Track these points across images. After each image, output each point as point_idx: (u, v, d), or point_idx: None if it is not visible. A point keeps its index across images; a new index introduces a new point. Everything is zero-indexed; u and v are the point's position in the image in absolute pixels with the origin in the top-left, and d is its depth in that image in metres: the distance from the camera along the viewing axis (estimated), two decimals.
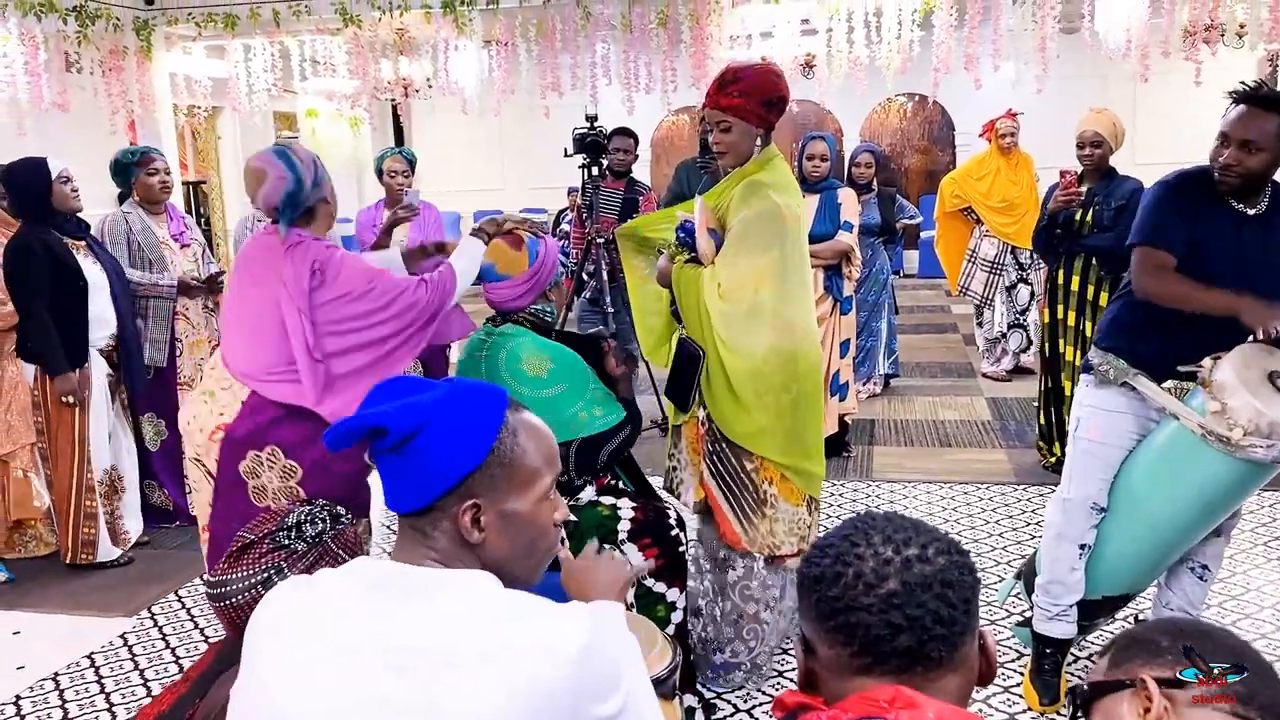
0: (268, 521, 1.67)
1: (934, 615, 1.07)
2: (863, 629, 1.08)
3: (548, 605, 1.24)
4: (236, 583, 1.60)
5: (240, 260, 2.94)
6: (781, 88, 2.87)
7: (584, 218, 5.76)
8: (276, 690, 1.20)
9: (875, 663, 1.09)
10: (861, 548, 1.12)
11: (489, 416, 1.29)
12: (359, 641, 1.19)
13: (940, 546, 1.12)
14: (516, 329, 2.74)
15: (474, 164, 13.29)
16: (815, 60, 8.14)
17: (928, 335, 8.86)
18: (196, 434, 2.68)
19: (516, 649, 1.17)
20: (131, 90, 8.07)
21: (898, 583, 1.08)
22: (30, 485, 4.27)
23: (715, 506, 2.92)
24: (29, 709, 3.16)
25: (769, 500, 2.87)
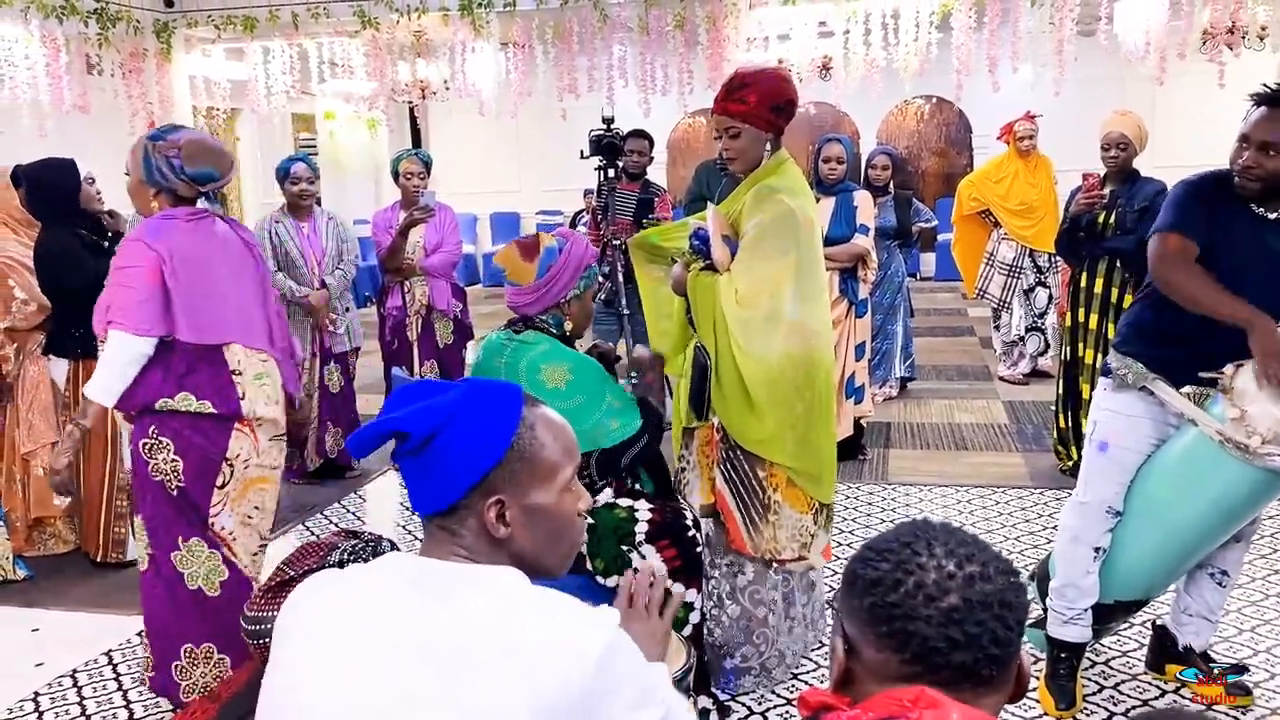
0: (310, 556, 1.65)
1: (991, 635, 1.06)
2: (919, 639, 1.07)
3: (575, 604, 1.25)
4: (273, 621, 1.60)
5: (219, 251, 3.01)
6: (790, 92, 2.86)
7: (599, 220, 5.77)
8: (302, 683, 1.22)
9: (925, 672, 1.07)
10: (923, 557, 1.10)
11: (506, 413, 1.31)
12: (385, 636, 1.20)
13: (1000, 566, 1.10)
14: (537, 336, 2.69)
15: (490, 166, 13.32)
16: (832, 62, 8.13)
17: (944, 338, 8.83)
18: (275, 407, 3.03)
19: (542, 647, 1.17)
20: (151, 92, 8.14)
21: (959, 598, 1.07)
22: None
23: (725, 511, 2.93)
24: (47, 705, 3.19)
25: (773, 506, 2.88)
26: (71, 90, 7.44)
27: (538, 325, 2.71)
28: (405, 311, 5.38)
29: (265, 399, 3.01)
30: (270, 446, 3.05)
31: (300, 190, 5.14)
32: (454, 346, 5.54)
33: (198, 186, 2.96)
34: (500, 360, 2.66)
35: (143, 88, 8.09)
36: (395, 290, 5.38)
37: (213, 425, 2.92)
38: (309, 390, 5.24)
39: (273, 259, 5.11)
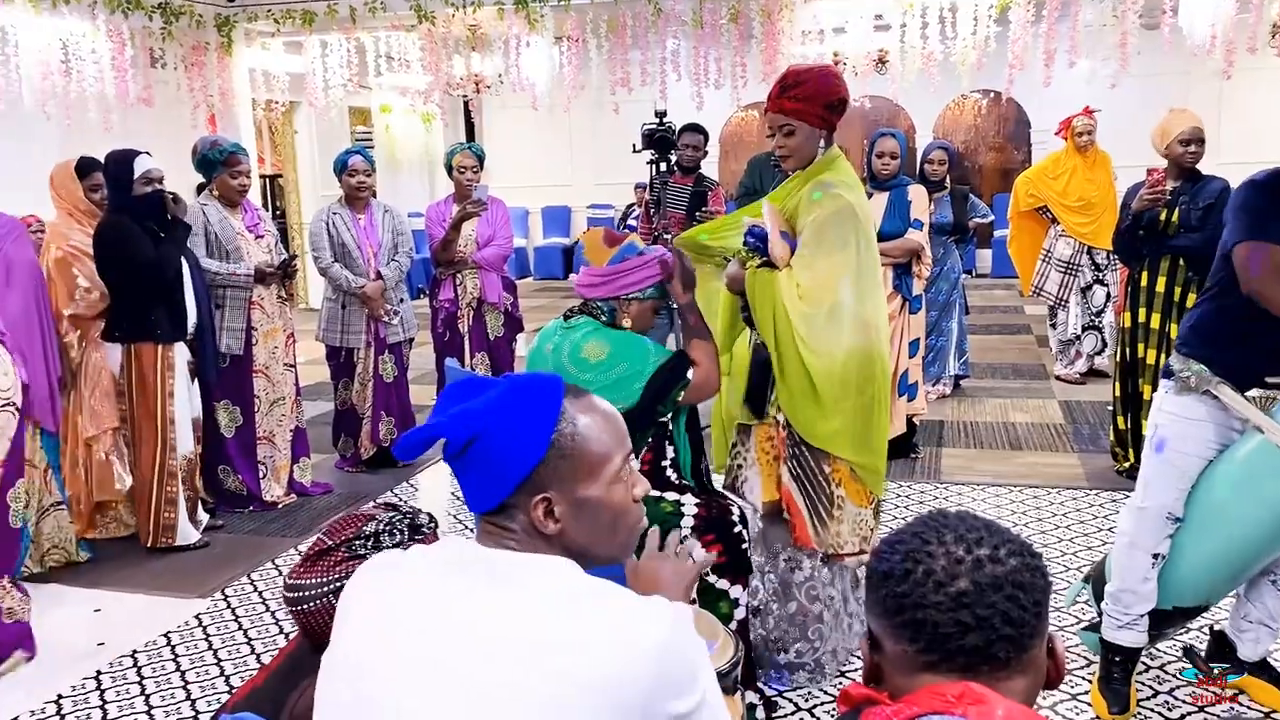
0: (347, 527, 1.69)
1: (1003, 616, 1.07)
2: (930, 626, 1.08)
3: (629, 597, 1.26)
4: (312, 588, 1.63)
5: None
6: (842, 90, 2.86)
7: (651, 213, 5.77)
8: (362, 665, 1.24)
9: (941, 660, 1.09)
10: (933, 545, 1.12)
11: (545, 410, 1.30)
12: (441, 621, 1.22)
13: (1013, 548, 1.11)
14: (585, 321, 2.72)
15: (542, 160, 13.37)
16: (888, 56, 8.05)
17: (1000, 336, 8.71)
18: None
19: (596, 639, 1.18)
20: (212, 85, 8.29)
21: (968, 582, 1.08)
22: (112, 468, 4.41)
23: (792, 508, 2.92)
24: (109, 684, 3.27)
25: (838, 501, 2.88)
26: (136, 83, 7.59)
27: (590, 310, 2.74)
28: (457, 304, 5.42)
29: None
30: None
31: (357, 183, 5.20)
32: (504, 339, 5.58)
33: None
34: (549, 345, 2.70)
35: (204, 81, 8.24)
36: (447, 283, 5.43)
37: None
38: (363, 379, 5.31)
39: (330, 250, 5.18)
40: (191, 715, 3.08)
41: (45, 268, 4.29)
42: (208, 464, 4.68)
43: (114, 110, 7.44)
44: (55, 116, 7.13)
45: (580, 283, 2.76)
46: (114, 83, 7.41)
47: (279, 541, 4.47)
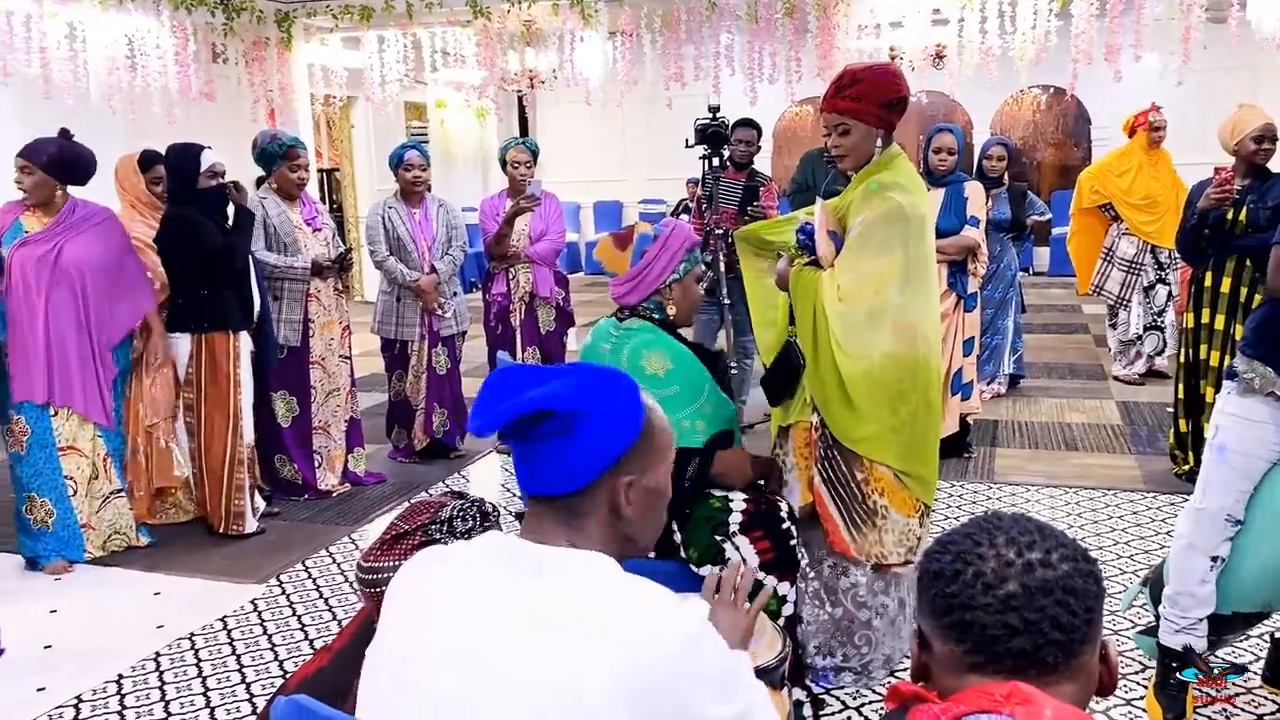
0: (421, 513, 1.74)
1: (1052, 621, 1.06)
2: (978, 628, 1.08)
3: (665, 592, 1.27)
4: (386, 570, 1.68)
5: None
6: (901, 88, 2.79)
7: (703, 209, 5.76)
8: (402, 653, 1.26)
9: (988, 662, 1.08)
10: (984, 547, 1.11)
11: (634, 393, 1.33)
12: (480, 611, 1.23)
13: (1066, 552, 1.10)
14: (641, 324, 2.68)
15: (595, 155, 13.41)
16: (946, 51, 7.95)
17: (1057, 335, 8.58)
18: None
19: (629, 631, 1.19)
20: (272, 80, 8.42)
21: (1017, 585, 1.07)
22: (172, 455, 4.51)
23: (824, 513, 2.88)
24: (167, 665, 3.35)
25: (879, 510, 2.82)
26: (198, 78, 7.73)
27: (640, 313, 2.70)
28: (509, 297, 5.46)
29: None
30: None
31: (413, 177, 5.26)
32: (555, 333, 5.61)
33: None
34: (605, 346, 2.68)
35: (264, 76, 8.37)
36: (500, 276, 5.47)
37: None
38: (417, 372, 5.37)
39: (385, 244, 5.24)
40: (246, 698, 3.14)
41: None
42: (264, 453, 4.77)
43: (176, 104, 7.59)
44: (121, 111, 7.29)
45: (616, 294, 2.72)
46: (177, 77, 7.56)
47: (333, 530, 4.54)
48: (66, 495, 4.10)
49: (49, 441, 4.06)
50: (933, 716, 1.06)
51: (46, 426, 4.05)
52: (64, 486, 4.09)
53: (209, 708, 3.09)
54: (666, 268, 2.65)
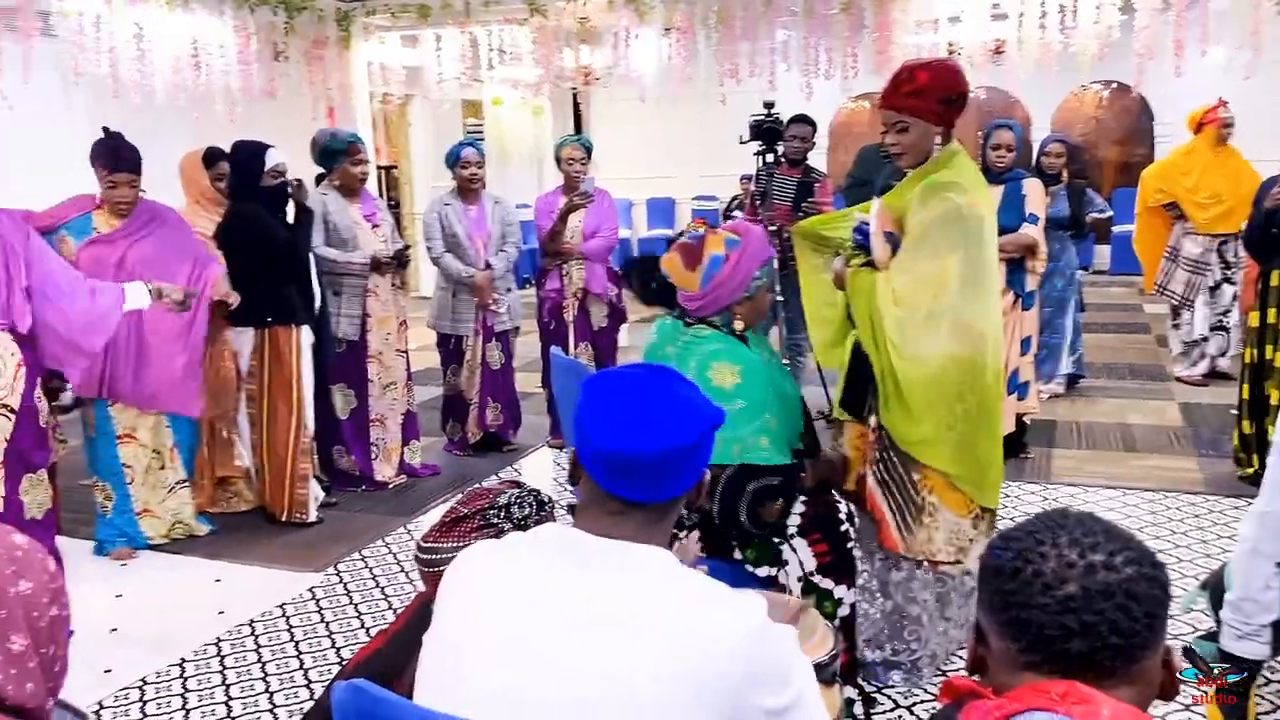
0: (480, 498, 1.80)
1: (1111, 625, 1.05)
2: (1034, 628, 1.07)
3: (725, 589, 1.28)
4: (445, 552, 1.73)
5: None
6: (961, 84, 2.75)
7: (756, 205, 5.74)
8: (456, 644, 1.28)
9: (1043, 661, 1.07)
10: (1046, 546, 1.09)
11: (716, 408, 1.43)
12: (534, 603, 1.25)
13: (1131, 556, 1.08)
14: (710, 333, 2.60)
15: (648, 151, 13.39)
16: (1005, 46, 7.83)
17: (1117, 335, 8.42)
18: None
19: (685, 626, 1.20)
20: (332, 78, 8.53)
21: (1077, 587, 1.06)
22: (234, 446, 4.61)
23: (876, 510, 2.86)
24: (228, 650, 3.43)
25: (927, 508, 2.79)
26: (260, 77, 7.86)
27: (707, 321, 2.61)
28: (562, 294, 5.49)
29: None
30: None
31: (469, 175, 5.31)
32: (608, 330, 5.63)
33: None
34: (671, 348, 2.61)
35: (324, 74, 8.47)
36: (553, 273, 5.51)
37: None
38: (471, 366, 5.42)
39: (441, 240, 5.30)
40: (304, 684, 3.21)
41: None
42: (323, 445, 4.85)
43: (239, 103, 7.72)
44: (185, 109, 7.45)
45: (687, 307, 2.64)
46: (239, 76, 7.69)
47: (389, 520, 4.61)
48: (124, 482, 4.19)
49: (108, 430, 4.16)
50: (986, 712, 1.06)
51: (105, 415, 4.15)
52: (121, 473, 4.19)
53: (268, 693, 3.16)
54: (738, 289, 2.56)
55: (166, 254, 4.16)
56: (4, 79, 5.88)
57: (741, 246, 2.55)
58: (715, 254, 2.54)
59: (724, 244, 2.56)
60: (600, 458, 1.33)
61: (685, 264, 2.57)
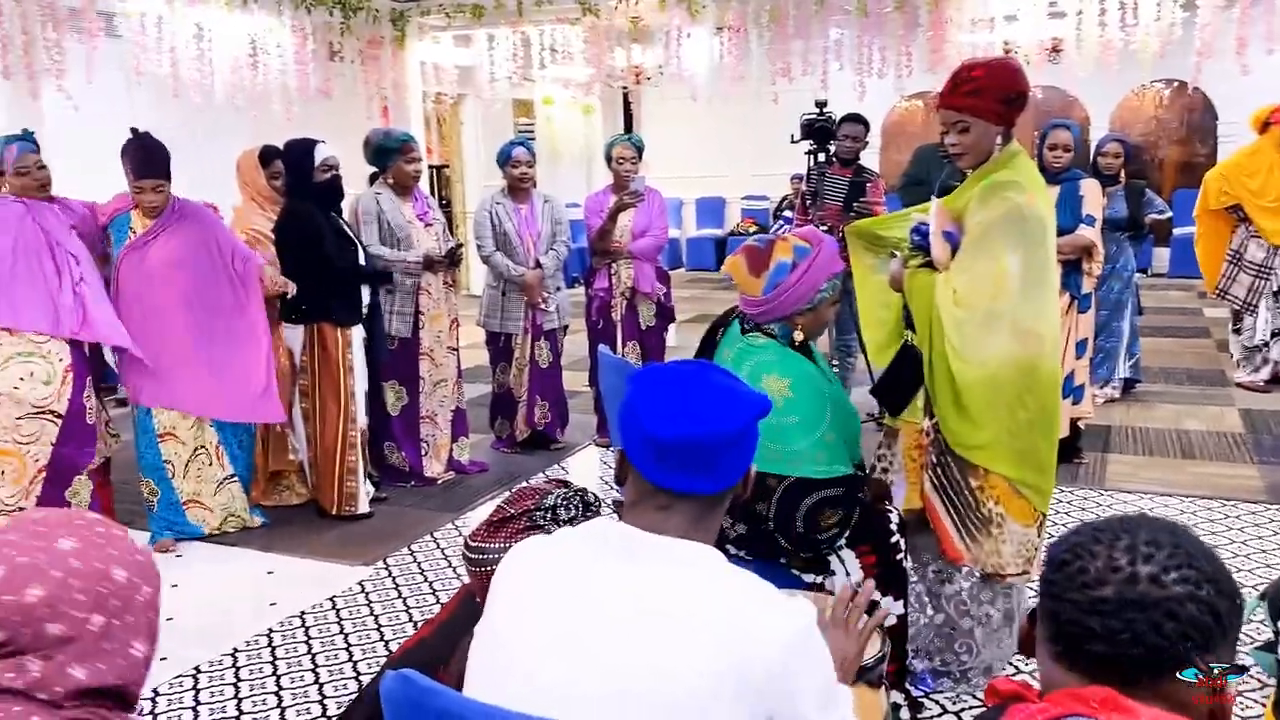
0: (527, 498, 1.81)
1: (1135, 637, 1.03)
2: (1060, 620, 1.08)
3: (774, 590, 1.27)
4: (493, 552, 1.75)
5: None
6: (1021, 83, 2.70)
7: (807, 205, 5.71)
8: (506, 639, 1.29)
9: (1065, 655, 1.08)
10: (1101, 546, 1.09)
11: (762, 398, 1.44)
12: (581, 598, 1.26)
13: (1188, 576, 1.05)
14: (766, 343, 2.55)
15: (699, 151, 13.38)
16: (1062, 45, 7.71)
17: (1175, 339, 8.25)
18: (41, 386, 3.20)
19: (738, 626, 1.20)
20: (386, 77, 8.63)
21: (1112, 591, 1.05)
22: (287, 440, 4.68)
23: (935, 519, 2.82)
24: (279, 641, 3.48)
25: (994, 519, 2.74)
26: (316, 76, 7.97)
27: (764, 329, 2.58)
28: (611, 293, 5.51)
29: (21, 377, 3.19)
30: (18, 424, 3.22)
31: (520, 174, 5.34)
32: (656, 329, 5.63)
33: None
34: (729, 353, 2.60)
35: (379, 74, 8.58)
36: (602, 272, 5.52)
37: None
38: (520, 364, 5.45)
39: (492, 239, 5.33)
40: (353, 675, 3.25)
41: None
42: (374, 441, 4.90)
43: (295, 102, 7.84)
44: (243, 108, 7.58)
45: (746, 311, 2.61)
46: (296, 76, 7.81)
47: (438, 516, 4.65)
48: (166, 477, 4.26)
49: (149, 427, 4.22)
50: (1029, 716, 1.06)
51: (146, 413, 4.21)
52: (163, 469, 4.26)
53: (317, 683, 3.21)
54: (801, 299, 2.50)
55: (197, 253, 4.15)
56: (68, 79, 6.03)
57: (811, 256, 2.49)
58: (782, 260, 2.49)
59: (793, 251, 2.49)
60: (649, 445, 1.33)
61: (750, 268, 2.52)
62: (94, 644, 1.08)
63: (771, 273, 2.48)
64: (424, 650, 1.81)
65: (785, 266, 2.48)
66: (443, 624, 1.87)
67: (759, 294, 2.50)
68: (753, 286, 2.52)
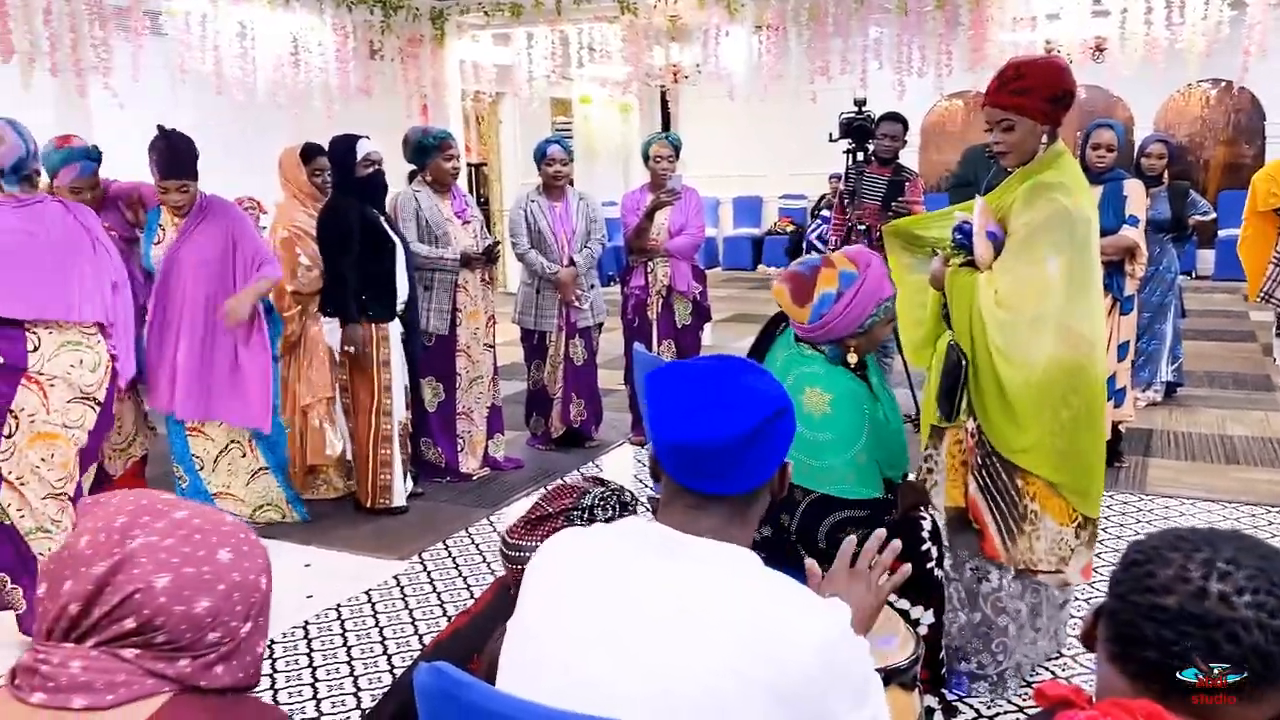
0: (565, 497, 1.82)
1: (1181, 652, 1.01)
2: (1120, 621, 1.06)
3: (807, 593, 1.27)
4: (530, 549, 1.76)
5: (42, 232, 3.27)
6: (1067, 82, 2.68)
7: (845, 204, 5.68)
8: (539, 633, 1.30)
9: (1119, 655, 1.07)
10: (1178, 555, 1.06)
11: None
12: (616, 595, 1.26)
13: (1263, 602, 1.01)
14: (815, 355, 2.52)
15: (736, 149, 13.35)
16: (1106, 44, 7.61)
17: (1220, 343, 8.12)
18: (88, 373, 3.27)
19: (775, 628, 1.19)
20: (425, 76, 8.68)
21: (1175, 602, 1.02)
22: (325, 434, 4.72)
23: (979, 520, 2.80)
24: (315, 633, 3.52)
25: (1029, 516, 2.73)
26: (356, 74, 8.05)
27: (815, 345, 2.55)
28: (647, 291, 5.51)
29: (71, 364, 3.24)
30: (69, 407, 3.27)
31: (555, 172, 5.36)
32: (691, 327, 5.63)
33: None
34: (781, 355, 2.58)
35: (418, 72, 8.64)
36: (638, 270, 5.52)
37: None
38: (554, 362, 5.47)
39: (527, 236, 5.35)
40: (387, 669, 3.27)
41: (272, 246, 4.64)
42: (411, 436, 4.94)
43: (335, 100, 7.92)
44: (284, 106, 7.66)
45: (795, 332, 2.58)
46: (336, 74, 7.89)
47: (473, 512, 4.68)
48: (194, 470, 4.31)
49: (178, 421, 4.28)
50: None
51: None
52: (191, 462, 4.31)
53: (352, 676, 3.24)
54: (850, 326, 2.47)
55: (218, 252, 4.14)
56: (114, 77, 6.12)
57: (857, 284, 2.45)
58: (827, 291, 2.45)
59: (838, 279, 2.45)
60: (668, 450, 1.33)
61: (795, 297, 2.49)
62: (237, 647, 1.16)
63: (816, 303, 2.46)
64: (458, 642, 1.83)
65: (830, 298, 2.45)
66: (477, 615, 1.89)
67: (805, 321, 2.48)
68: (798, 315, 2.49)
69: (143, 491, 1.19)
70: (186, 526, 1.15)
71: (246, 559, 1.18)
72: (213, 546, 1.15)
